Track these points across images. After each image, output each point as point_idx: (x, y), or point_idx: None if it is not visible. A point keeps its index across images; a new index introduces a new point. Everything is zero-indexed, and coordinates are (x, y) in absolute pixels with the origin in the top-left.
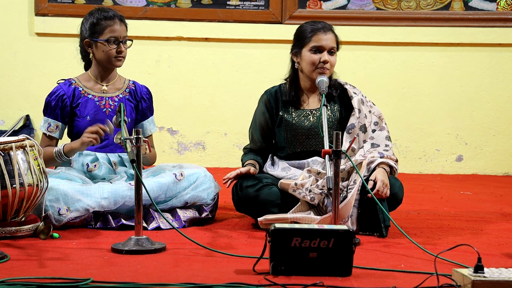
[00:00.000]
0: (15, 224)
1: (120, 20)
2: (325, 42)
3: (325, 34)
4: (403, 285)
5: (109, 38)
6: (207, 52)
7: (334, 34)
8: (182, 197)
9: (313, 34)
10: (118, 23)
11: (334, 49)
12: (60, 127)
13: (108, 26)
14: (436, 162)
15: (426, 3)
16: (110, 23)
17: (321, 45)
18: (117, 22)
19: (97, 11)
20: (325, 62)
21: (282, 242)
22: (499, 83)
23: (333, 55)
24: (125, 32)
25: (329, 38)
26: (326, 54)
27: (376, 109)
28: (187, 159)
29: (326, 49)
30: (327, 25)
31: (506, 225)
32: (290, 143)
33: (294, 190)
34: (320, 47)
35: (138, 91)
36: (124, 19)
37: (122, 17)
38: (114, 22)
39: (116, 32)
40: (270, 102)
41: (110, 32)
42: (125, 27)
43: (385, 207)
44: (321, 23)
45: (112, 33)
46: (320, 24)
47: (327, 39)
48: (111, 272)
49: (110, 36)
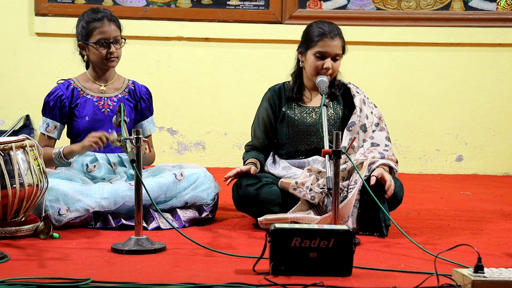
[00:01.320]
0: (15, 224)
1: (109, 21)
2: (330, 49)
3: (331, 40)
4: (403, 285)
5: (98, 40)
6: (207, 52)
7: (341, 39)
8: (182, 197)
9: (319, 39)
10: (106, 24)
11: (338, 56)
12: (59, 128)
13: (96, 28)
14: (436, 162)
15: (426, 3)
16: (98, 25)
17: (326, 51)
18: (105, 24)
19: (87, 13)
20: (328, 68)
21: (282, 242)
22: (499, 83)
23: (337, 61)
24: (116, 32)
25: (335, 44)
26: (330, 61)
27: (377, 111)
28: (187, 159)
29: (330, 55)
30: (334, 30)
31: (506, 225)
32: (291, 139)
33: (295, 189)
34: (324, 54)
35: (138, 91)
36: (114, 19)
37: (111, 17)
38: (103, 23)
39: (105, 34)
40: (274, 98)
41: (99, 34)
42: (116, 26)
43: (385, 207)
44: (330, 26)
45: (101, 35)
46: (328, 27)
47: (333, 46)
48: (111, 272)
49: (99, 38)
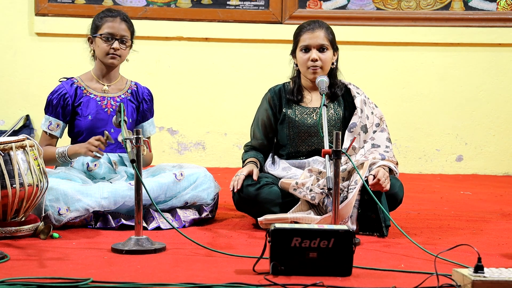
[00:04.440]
0: (15, 224)
1: (122, 19)
2: (312, 40)
3: (312, 32)
4: (403, 285)
5: (105, 33)
6: (207, 52)
7: (324, 30)
8: (182, 197)
9: (301, 34)
10: (118, 21)
11: (325, 46)
12: (61, 126)
13: (107, 22)
14: (436, 162)
15: (426, 3)
16: (110, 20)
17: (308, 43)
18: (117, 20)
19: (104, 10)
20: (314, 60)
21: (282, 242)
22: (499, 83)
23: (324, 52)
24: (125, 31)
25: (316, 35)
26: (315, 52)
27: (378, 111)
28: (187, 159)
29: (313, 47)
30: (316, 23)
31: (506, 225)
32: (292, 140)
33: (295, 189)
34: (308, 46)
35: (140, 92)
36: (127, 20)
37: (125, 17)
38: (114, 19)
39: (113, 29)
40: (274, 99)
41: (107, 28)
42: (127, 27)
43: (385, 207)
44: (314, 22)
45: (109, 29)
46: (311, 24)
47: (314, 37)
48: (111, 272)
49: (106, 32)
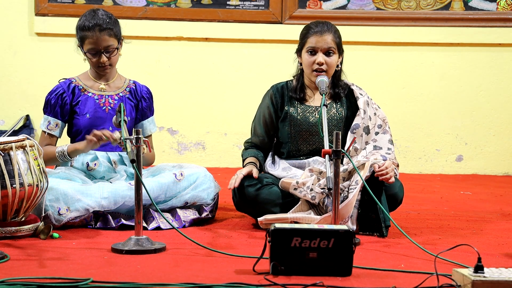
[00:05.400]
0: (15, 224)
1: (100, 31)
2: (320, 43)
3: (320, 34)
4: (403, 285)
5: (89, 50)
6: (207, 52)
7: (333, 34)
8: (182, 197)
9: (309, 35)
10: (97, 34)
11: (332, 50)
12: (60, 125)
13: (87, 38)
14: (436, 162)
15: (426, 3)
16: (89, 35)
17: (316, 46)
18: (95, 34)
19: (84, 17)
20: (320, 63)
21: (282, 242)
22: (499, 83)
23: (331, 56)
24: (107, 41)
25: (324, 39)
26: (321, 55)
27: (381, 112)
28: (187, 159)
29: (320, 50)
30: (325, 26)
31: (506, 225)
32: (293, 138)
33: (295, 189)
34: (315, 48)
35: (139, 90)
36: (106, 27)
37: (105, 26)
38: (93, 33)
39: (95, 44)
40: (276, 97)
41: (89, 44)
42: (109, 35)
43: (385, 207)
44: (322, 24)
45: (91, 45)
46: (319, 26)
47: (322, 40)
48: (111, 272)
49: (89, 48)
